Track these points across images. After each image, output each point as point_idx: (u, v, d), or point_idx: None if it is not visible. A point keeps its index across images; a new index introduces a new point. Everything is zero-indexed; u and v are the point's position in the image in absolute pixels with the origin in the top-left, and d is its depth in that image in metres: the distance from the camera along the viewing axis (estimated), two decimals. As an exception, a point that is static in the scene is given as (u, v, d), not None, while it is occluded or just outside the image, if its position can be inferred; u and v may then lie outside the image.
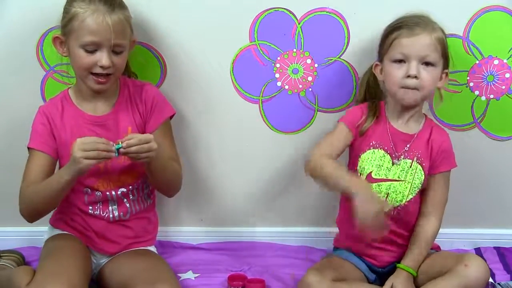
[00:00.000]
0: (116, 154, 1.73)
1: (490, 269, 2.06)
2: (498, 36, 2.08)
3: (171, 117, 2.01)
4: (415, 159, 1.93)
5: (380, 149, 1.93)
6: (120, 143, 1.73)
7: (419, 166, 1.94)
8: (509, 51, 2.09)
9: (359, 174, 1.94)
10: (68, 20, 1.82)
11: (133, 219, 1.99)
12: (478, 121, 2.15)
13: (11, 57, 2.05)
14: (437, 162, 1.96)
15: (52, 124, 1.91)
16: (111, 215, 1.96)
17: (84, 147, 1.70)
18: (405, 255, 1.94)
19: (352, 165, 1.96)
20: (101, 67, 1.82)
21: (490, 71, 2.11)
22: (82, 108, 1.93)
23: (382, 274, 1.97)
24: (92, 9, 1.79)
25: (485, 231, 2.27)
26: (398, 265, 1.92)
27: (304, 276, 1.88)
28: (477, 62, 2.09)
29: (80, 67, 1.84)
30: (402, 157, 1.93)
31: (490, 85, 2.12)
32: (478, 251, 2.23)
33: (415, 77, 1.85)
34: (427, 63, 1.86)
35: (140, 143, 1.73)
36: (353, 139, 1.96)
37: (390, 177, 1.93)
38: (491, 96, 2.13)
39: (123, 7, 1.86)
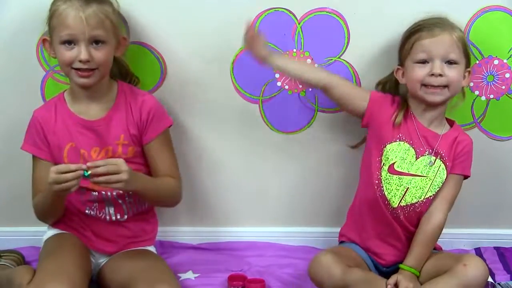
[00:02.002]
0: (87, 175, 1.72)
1: (490, 269, 2.07)
2: (498, 36, 2.08)
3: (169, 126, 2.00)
4: (439, 157, 1.94)
5: (406, 142, 1.94)
6: (87, 170, 1.72)
7: (443, 165, 1.94)
8: (509, 51, 2.09)
9: (382, 164, 1.94)
10: (49, 19, 1.85)
11: (131, 220, 1.99)
12: (478, 121, 2.15)
13: (11, 57, 2.06)
14: (456, 162, 1.96)
15: (45, 129, 1.91)
16: (107, 217, 1.96)
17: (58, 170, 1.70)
18: (407, 255, 1.93)
19: (376, 154, 1.95)
20: (80, 61, 1.82)
21: (490, 71, 2.11)
22: (75, 111, 1.92)
23: (386, 273, 1.97)
24: (67, 4, 1.81)
25: (485, 231, 2.27)
26: (400, 266, 1.92)
27: (319, 254, 1.88)
28: (477, 62, 2.09)
29: (62, 64, 1.86)
30: (427, 153, 1.94)
31: (490, 85, 2.12)
32: (478, 251, 2.23)
33: (440, 75, 1.87)
34: (450, 62, 1.89)
35: (108, 170, 1.72)
36: (367, 118, 1.97)
37: (412, 171, 1.94)
38: (491, 96, 2.13)
39: (103, 2, 1.86)
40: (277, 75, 2.11)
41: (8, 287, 1.85)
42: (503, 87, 2.12)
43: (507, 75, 2.11)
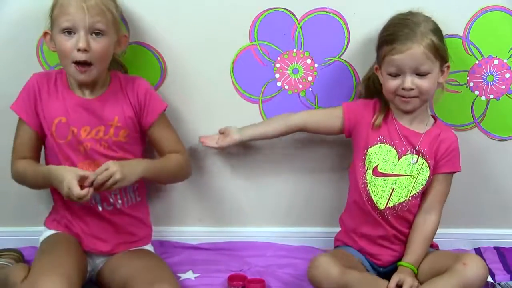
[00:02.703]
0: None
1: (490, 269, 2.07)
2: (498, 36, 2.08)
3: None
4: (420, 155, 1.95)
5: (387, 144, 1.95)
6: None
7: (425, 162, 1.95)
8: (509, 51, 2.09)
9: (366, 168, 1.96)
10: (51, 11, 1.86)
11: (121, 216, 1.97)
12: (478, 121, 2.15)
13: (11, 57, 2.06)
14: (443, 162, 1.96)
15: (38, 96, 1.92)
16: (93, 202, 1.93)
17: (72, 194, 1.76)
18: (405, 253, 1.94)
19: (359, 158, 1.98)
20: (79, 50, 1.82)
21: (490, 71, 2.11)
22: (72, 89, 1.93)
23: (384, 273, 1.98)
24: None
25: (485, 231, 2.27)
26: (399, 263, 1.93)
27: (316, 257, 1.89)
28: (477, 62, 2.09)
29: (61, 54, 1.86)
30: (409, 152, 1.95)
31: (490, 85, 2.12)
32: (478, 251, 2.23)
33: (411, 88, 1.89)
34: (421, 74, 1.88)
35: (104, 177, 1.78)
36: (346, 130, 2.00)
37: (396, 172, 1.95)
38: (491, 96, 2.13)
39: None
40: (277, 75, 2.11)
41: (5, 286, 1.85)
42: (503, 87, 2.12)
43: (507, 75, 2.11)
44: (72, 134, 1.90)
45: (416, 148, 1.95)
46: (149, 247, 2.05)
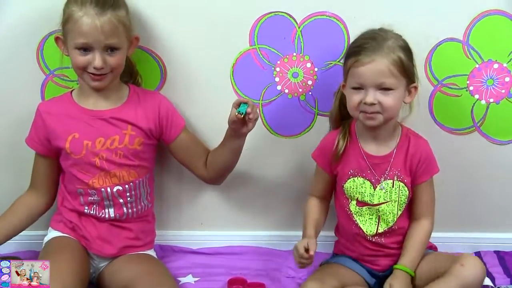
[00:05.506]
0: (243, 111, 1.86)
1: (490, 273, 2.07)
2: (497, 40, 2.08)
3: None
4: (395, 177, 1.93)
5: (359, 176, 1.94)
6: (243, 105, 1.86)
7: (401, 183, 1.93)
8: (509, 55, 2.09)
9: (349, 200, 1.95)
10: (64, 21, 1.87)
11: (130, 221, 1.99)
12: (478, 125, 2.15)
13: (11, 60, 2.06)
14: (419, 173, 1.94)
15: (47, 122, 1.93)
16: (106, 216, 1.96)
17: None
18: (401, 256, 1.94)
19: (340, 192, 1.98)
20: (94, 68, 1.85)
21: (490, 75, 2.11)
22: (82, 105, 1.95)
23: (383, 277, 1.97)
24: (83, 11, 1.82)
25: (485, 235, 2.26)
26: (395, 266, 1.92)
27: (304, 284, 1.89)
28: (477, 66, 2.09)
29: (75, 67, 1.89)
30: (382, 179, 1.93)
31: (490, 89, 2.12)
32: (478, 255, 2.22)
33: (373, 103, 1.83)
34: (385, 89, 1.83)
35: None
36: (331, 173, 1.98)
37: (375, 201, 1.93)
38: (491, 100, 2.13)
39: (117, 6, 1.87)
40: (277, 79, 2.11)
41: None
42: (503, 91, 2.12)
43: (507, 79, 2.11)
44: (86, 148, 1.92)
45: (388, 172, 1.93)
46: (151, 252, 2.05)
